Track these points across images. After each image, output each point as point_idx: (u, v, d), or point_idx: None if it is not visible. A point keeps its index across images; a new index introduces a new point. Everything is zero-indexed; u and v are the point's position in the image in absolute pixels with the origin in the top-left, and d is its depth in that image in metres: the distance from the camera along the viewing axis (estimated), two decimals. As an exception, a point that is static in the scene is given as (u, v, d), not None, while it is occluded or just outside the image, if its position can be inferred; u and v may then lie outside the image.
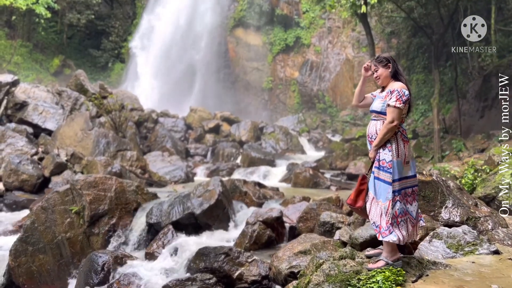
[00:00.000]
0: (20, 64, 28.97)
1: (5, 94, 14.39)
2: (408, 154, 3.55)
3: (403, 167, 3.50)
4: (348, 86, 27.45)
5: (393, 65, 3.72)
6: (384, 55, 3.80)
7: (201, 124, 20.18)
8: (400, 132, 3.58)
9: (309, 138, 20.58)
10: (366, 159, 13.14)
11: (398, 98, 3.49)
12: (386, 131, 3.47)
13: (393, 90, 3.56)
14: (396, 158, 3.48)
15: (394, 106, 3.47)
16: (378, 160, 3.56)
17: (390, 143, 3.53)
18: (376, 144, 3.59)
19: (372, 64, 3.79)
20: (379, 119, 3.65)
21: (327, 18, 27.94)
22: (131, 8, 37.63)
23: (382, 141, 3.54)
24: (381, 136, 3.52)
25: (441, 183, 4.30)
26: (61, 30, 34.16)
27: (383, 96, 3.64)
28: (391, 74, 3.69)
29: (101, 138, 12.19)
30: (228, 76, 30.99)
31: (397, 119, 3.46)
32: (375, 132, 3.66)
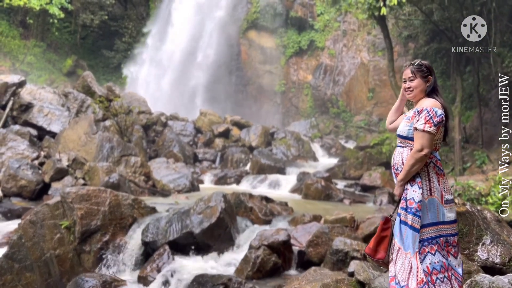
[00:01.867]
0: (33, 64, 28.94)
1: (11, 95, 14.10)
2: (445, 192, 2.83)
3: (437, 208, 2.78)
4: (362, 90, 26.73)
5: (433, 79, 3.05)
6: (426, 63, 3.11)
7: (210, 128, 19.69)
8: (433, 163, 2.87)
9: (321, 144, 19.93)
10: (382, 170, 12.48)
11: (427, 119, 2.81)
12: (414, 161, 2.78)
13: (422, 109, 2.88)
14: (428, 196, 2.79)
15: (423, 130, 2.79)
16: (405, 199, 2.85)
17: (419, 177, 2.83)
18: (402, 178, 2.87)
19: (408, 69, 3.08)
20: (406, 145, 2.96)
21: (342, 21, 27.27)
22: (144, 9, 37.48)
23: (409, 175, 2.83)
24: (407, 168, 2.82)
25: (477, 215, 3.66)
26: (75, 30, 34.14)
27: (410, 116, 2.97)
28: (428, 89, 3.00)
29: (105, 143, 11.76)
30: (240, 79, 30.53)
31: (427, 146, 2.77)
32: (401, 162, 2.95)
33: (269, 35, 29.26)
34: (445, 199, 2.82)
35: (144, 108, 17.38)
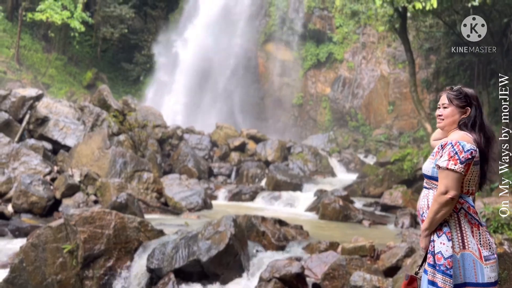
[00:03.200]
0: (54, 77, 29.41)
1: (28, 109, 14.16)
2: (482, 246, 2.33)
3: (474, 266, 2.29)
4: (382, 103, 26.15)
5: (475, 113, 2.52)
6: (467, 91, 2.61)
7: (226, 141, 19.44)
8: (464, 209, 2.39)
9: (340, 159, 19.41)
10: (403, 189, 11.93)
11: (452, 155, 2.34)
12: (438, 207, 2.33)
13: (445, 143, 2.43)
14: (461, 250, 2.32)
15: (447, 168, 2.34)
16: (432, 253, 2.37)
17: (448, 226, 2.37)
18: (426, 227, 2.42)
19: (444, 94, 2.63)
20: (432, 187, 2.52)
21: (362, 33, 26.86)
22: (164, 22, 37.90)
23: (434, 223, 2.38)
24: (431, 215, 2.37)
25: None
26: (95, 43, 34.71)
27: (434, 152, 2.53)
28: (462, 121, 2.52)
29: (118, 158, 11.59)
30: (258, 92, 30.34)
31: (453, 188, 2.29)
32: (427, 206, 2.49)
33: (286, 47, 29.06)
34: (484, 255, 2.32)
35: (159, 122, 17.27)
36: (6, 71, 25.59)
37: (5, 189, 10.09)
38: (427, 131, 10.88)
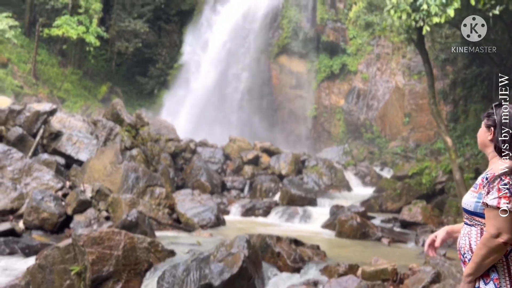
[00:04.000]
0: (69, 91, 29.75)
1: (42, 123, 14.21)
2: None
3: None
4: (398, 115, 25.70)
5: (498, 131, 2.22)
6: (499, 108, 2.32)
7: (239, 154, 19.24)
8: None
9: (355, 172, 19.01)
10: (423, 204, 11.49)
11: (503, 192, 2.02)
12: (487, 251, 2.02)
13: (492, 175, 2.12)
14: None
15: (497, 207, 2.02)
16: None
17: (496, 272, 2.07)
18: (470, 273, 2.11)
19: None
20: (474, 224, 2.20)
21: (376, 45, 26.58)
22: (178, 36, 38.25)
23: (480, 269, 2.07)
24: (478, 259, 2.06)
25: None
26: (110, 58, 35.15)
27: (477, 184, 2.22)
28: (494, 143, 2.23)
29: (131, 173, 11.45)
30: (271, 104, 30.19)
31: (506, 231, 1.99)
32: (469, 247, 2.19)
33: (300, 59, 28.94)
34: None
35: (172, 136, 17.18)
36: (23, 85, 25.97)
37: (17, 205, 10.01)
38: (447, 144, 10.49)
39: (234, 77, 30.02)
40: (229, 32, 29.43)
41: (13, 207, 9.94)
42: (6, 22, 20.69)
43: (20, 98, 24.57)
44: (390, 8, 9.59)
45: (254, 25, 29.27)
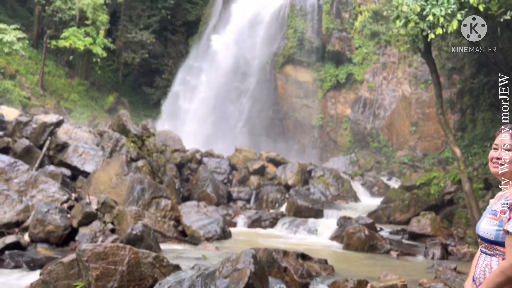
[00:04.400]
0: (76, 102, 29.93)
1: (49, 135, 14.25)
2: None
3: None
4: (405, 124, 25.52)
5: None
6: None
7: (245, 165, 19.17)
8: None
9: (362, 182, 18.84)
10: (431, 216, 11.31)
11: None
12: (504, 279, 1.91)
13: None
14: None
15: None
16: None
17: None
18: None
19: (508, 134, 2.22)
20: (496, 254, 2.07)
21: (382, 54, 26.52)
22: (184, 47, 38.51)
23: None
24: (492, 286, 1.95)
25: None
26: (117, 68, 35.44)
27: (497, 211, 2.09)
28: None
29: (136, 184, 11.42)
30: (277, 114, 30.15)
31: None
32: (483, 275, 2.08)
33: (305, 69, 28.92)
34: None
35: (178, 146, 17.16)
36: (30, 97, 26.17)
37: (23, 218, 9.99)
38: (456, 155, 10.34)
39: (239, 87, 30.07)
40: (234, 42, 29.55)
41: (18, 220, 9.92)
42: (14, 34, 20.94)
43: (27, 109, 24.77)
44: (396, 18, 9.54)
45: (259, 35, 29.38)
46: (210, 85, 29.95)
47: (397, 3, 9.62)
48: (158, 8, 35.37)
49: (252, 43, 29.67)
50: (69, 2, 27.76)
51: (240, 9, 30.07)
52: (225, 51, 29.67)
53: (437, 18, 9.02)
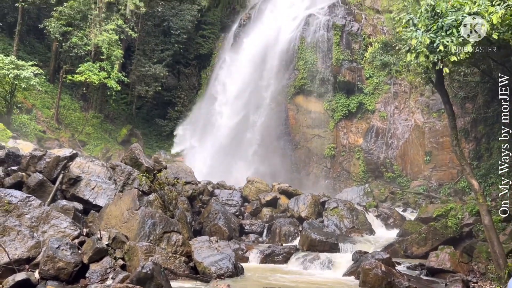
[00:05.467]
0: (90, 134, 30.36)
1: (62, 169, 14.37)
2: None
3: None
4: (419, 154, 25.17)
5: None
6: None
7: (257, 196, 18.97)
8: None
9: (377, 214, 18.41)
10: (451, 250, 10.91)
11: None
12: None
13: None
14: None
15: None
16: None
17: None
18: None
19: None
20: None
21: (393, 83, 26.53)
22: (196, 79, 39.22)
23: None
24: None
25: None
26: (131, 101, 36.10)
27: None
28: None
29: (147, 219, 11.32)
30: (288, 144, 30.10)
31: None
32: None
33: (316, 99, 29.04)
34: None
35: (190, 178, 17.11)
36: (45, 130, 26.65)
37: (34, 254, 9.93)
38: (474, 187, 10.05)
39: (251, 118, 30.25)
40: (246, 75, 29.98)
41: (29, 256, 9.86)
42: (32, 70, 21.54)
43: (42, 142, 25.19)
44: (407, 51, 9.54)
45: (270, 67, 29.79)
46: (221, 117, 30.27)
47: (406, 37, 9.65)
48: (171, 43, 36.27)
49: (263, 75, 30.07)
50: (85, 38, 28.64)
51: (251, 42, 30.67)
52: (236, 84, 30.11)
53: (449, 47, 9.00)
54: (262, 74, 30.01)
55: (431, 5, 10.02)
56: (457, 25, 9.23)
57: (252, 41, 30.81)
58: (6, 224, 9.95)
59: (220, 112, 31.62)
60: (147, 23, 35.66)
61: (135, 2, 30.02)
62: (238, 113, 30.28)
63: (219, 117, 31.55)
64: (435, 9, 9.85)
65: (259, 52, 29.90)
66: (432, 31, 9.43)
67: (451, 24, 9.26)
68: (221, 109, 31.73)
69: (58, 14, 28.63)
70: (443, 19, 9.45)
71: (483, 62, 16.10)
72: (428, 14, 10.00)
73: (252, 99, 30.22)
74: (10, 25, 30.54)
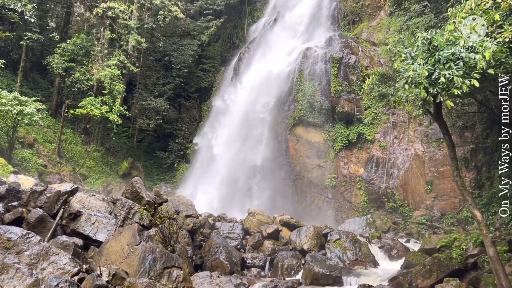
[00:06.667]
0: (91, 168, 30.40)
1: (63, 204, 14.32)
2: None
3: None
4: (420, 183, 25.10)
5: None
6: None
7: (259, 228, 18.80)
8: None
9: (380, 245, 18.17)
10: (456, 282, 10.73)
11: None
12: None
13: None
14: None
15: None
16: None
17: None
18: None
19: None
20: None
21: (391, 114, 26.80)
22: (197, 111, 39.69)
23: None
24: None
25: None
26: (132, 134, 36.38)
27: None
28: None
29: (148, 254, 11.20)
30: (289, 174, 30.10)
31: None
32: None
33: (316, 130, 29.26)
34: None
35: (191, 212, 17.03)
36: (47, 164, 26.71)
37: (32, 292, 9.76)
38: (477, 218, 9.98)
39: (251, 150, 30.39)
40: (246, 107, 30.36)
41: (27, 295, 9.69)
42: (35, 106, 21.83)
43: (43, 176, 25.20)
44: (405, 83, 9.72)
45: (270, 99, 30.20)
46: (222, 150, 30.46)
47: (403, 69, 9.86)
48: (172, 77, 36.94)
49: (263, 106, 30.43)
50: (87, 74, 29.20)
51: (251, 75, 31.25)
52: (236, 117, 30.44)
53: (453, 80, 9.14)
54: (262, 105, 30.39)
55: (427, 39, 10.30)
56: (454, 58, 9.44)
57: (251, 73, 31.41)
58: (4, 262, 9.84)
59: (221, 143, 31.83)
60: (148, 58, 36.43)
61: (136, 38, 30.80)
62: (239, 144, 30.45)
63: (220, 149, 31.73)
64: (431, 43, 10.11)
65: (259, 84, 30.43)
66: (430, 63, 9.64)
67: (448, 58, 9.48)
68: (222, 140, 31.95)
69: (61, 50, 29.33)
70: (440, 52, 9.69)
71: (480, 93, 16.34)
72: (424, 47, 10.26)
73: (252, 130, 30.46)
74: (14, 62, 31.21)
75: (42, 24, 30.92)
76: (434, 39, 10.06)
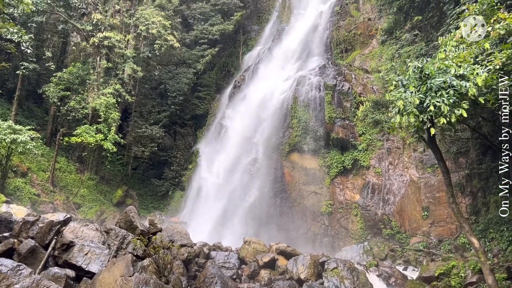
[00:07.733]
0: (85, 196, 30.03)
1: (55, 234, 14.05)
2: None
3: None
4: (416, 209, 25.02)
5: None
6: None
7: (255, 257, 18.49)
8: None
9: (378, 273, 17.92)
10: (456, 312, 10.53)
11: None
12: None
13: None
14: None
15: None
16: None
17: None
18: None
19: None
20: None
21: (386, 140, 26.98)
22: (192, 138, 39.72)
23: None
24: None
25: None
26: (127, 162, 36.17)
27: None
28: None
29: (142, 286, 10.93)
30: (285, 202, 29.92)
31: None
32: None
33: (311, 156, 29.32)
34: None
35: (185, 241, 16.75)
36: (40, 193, 26.39)
37: (21, 328, 9.44)
38: (474, 245, 9.92)
39: (246, 177, 30.29)
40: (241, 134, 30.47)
41: (16, 331, 9.37)
42: (29, 135, 21.75)
43: (36, 206, 24.84)
44: (397, 112, 9.85)
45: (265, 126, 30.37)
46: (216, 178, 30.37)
47: (394, 98, 10.01)
48: (167, 104, 37.10)
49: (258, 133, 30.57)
50: (83, 102, 29.29)
51: (245, 102, 31.53)
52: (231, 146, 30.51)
53: (439, 108, 9.30)
54: (257, 132, 30.52)
55: (418, 67, 10.50)
56: (445, 86, 9.62)
57: (246, 101, 31.70)
58: (-6, 296, 9.57)
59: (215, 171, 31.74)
60: (144, 86, 36.71)
61: (132, 67, 31.12)
62: (233, 171, 30.37)
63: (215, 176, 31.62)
64: (423, 71, 10.31)
65: (254, 112, 30.66)
66: (422, 91, 9.81)
67: (440, 86, 9.66)
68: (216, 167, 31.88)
69: (57, 79, 29.52)
70: (431, 81, 9.87)
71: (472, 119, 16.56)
72: (416, 75, 10.46)
73: (247, 157, 30.47)
74: (9, 91, 31.31)
75: (38, 53, 31.21)
76: (425, 68, 10.26)
